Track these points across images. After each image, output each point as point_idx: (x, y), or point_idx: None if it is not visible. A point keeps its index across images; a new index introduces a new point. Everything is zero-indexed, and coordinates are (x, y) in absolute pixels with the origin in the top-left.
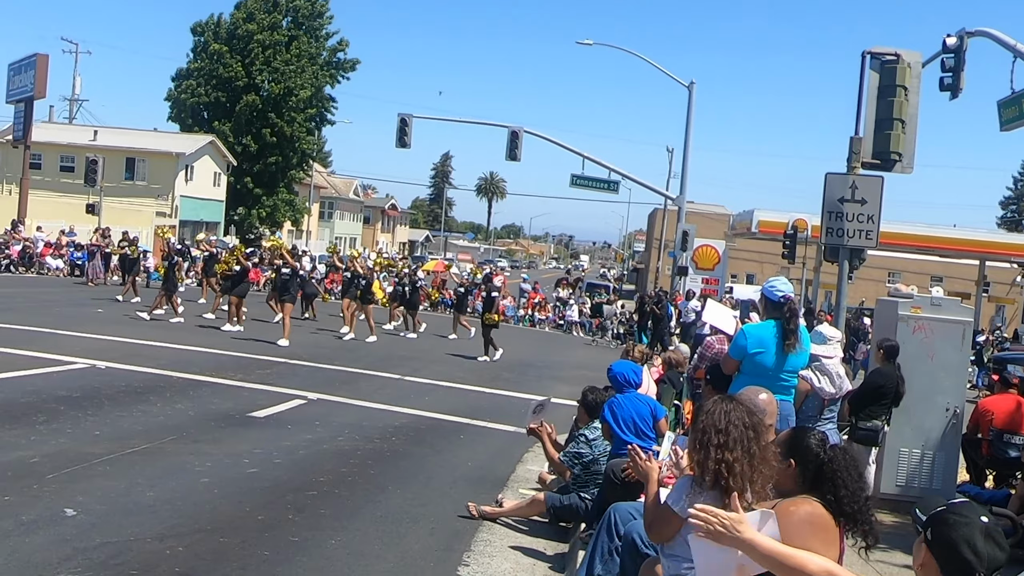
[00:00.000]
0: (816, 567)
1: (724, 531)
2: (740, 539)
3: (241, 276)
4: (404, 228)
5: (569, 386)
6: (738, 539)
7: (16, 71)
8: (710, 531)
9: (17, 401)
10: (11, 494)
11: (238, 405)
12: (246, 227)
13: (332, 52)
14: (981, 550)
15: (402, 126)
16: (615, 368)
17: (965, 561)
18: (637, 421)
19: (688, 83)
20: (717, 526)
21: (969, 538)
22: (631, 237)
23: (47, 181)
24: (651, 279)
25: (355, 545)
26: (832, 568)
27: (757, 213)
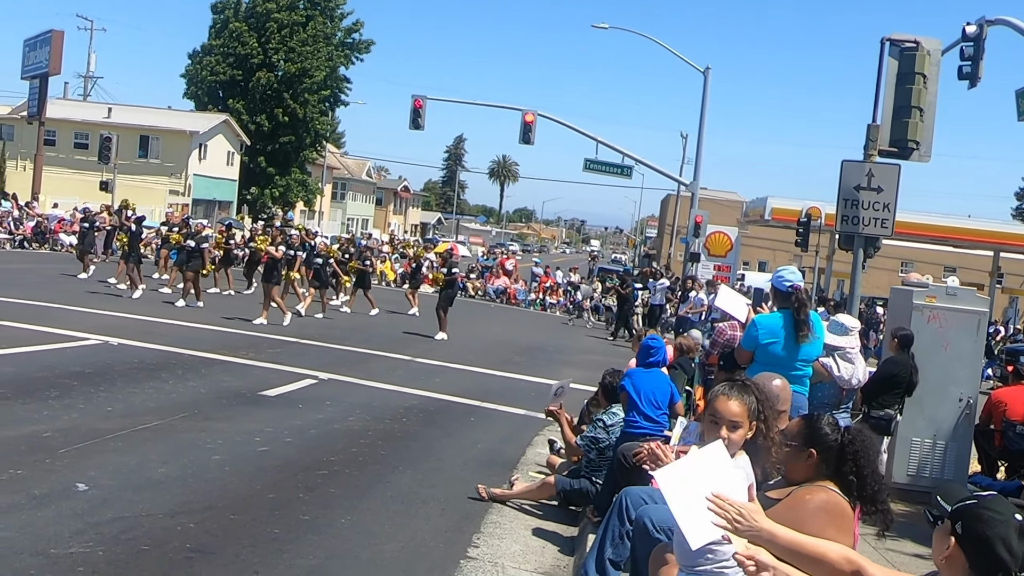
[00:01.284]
0: (836, 555)
1: (741, 521)
2: (758, 530)
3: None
4: (416, 210)
5: (579, 370)
6: (756, 530)
7: (32, 47)
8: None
9: (31, 376)
10: (24, 468)
11: (249, 383)
12: (259, 207)
13: (347, 32)
14: (1016, 549)
15: (416, 108)
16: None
17: (999, 560)
18: (655, 397)
19: (703, 68)
20: (734, 516)
21: (1005, 537)
22: (643, 223)
23: (61, 158)
24: (663, 265)
25: (365, 524)
26: (851, 555)
27: (771, 200)
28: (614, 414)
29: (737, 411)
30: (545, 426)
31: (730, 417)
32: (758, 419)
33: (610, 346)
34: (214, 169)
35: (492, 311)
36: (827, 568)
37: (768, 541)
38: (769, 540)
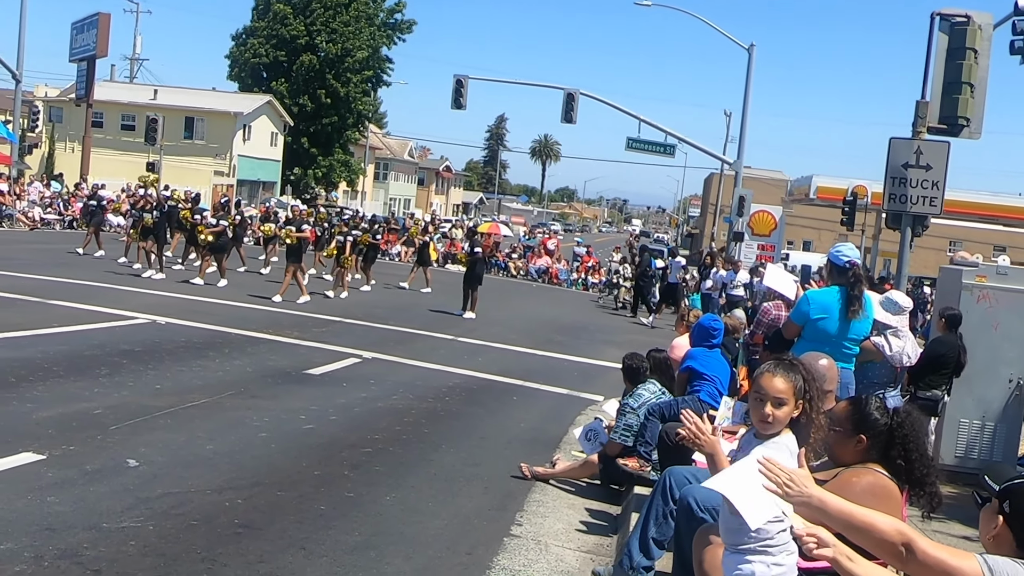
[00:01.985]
0: (887, 526)
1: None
2: (808, 495)
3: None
4: (458, 190)
5: (620, 350)
6: (806, 496)
7: (79, 30)
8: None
9: (82, 354)
10: (76, 444)
11: (295, 362)
12: (302, 187)
13: (389, 13)
14: None
15: (458, 87)
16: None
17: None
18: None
19: (748, 45)
20: (784, 480)
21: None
22: (686, 202)
23: (108, 139)
24: (706, 244)
25: (409, 502)
26: (902, 527)
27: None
28: (640, 395)
29: (782, 388)
30: (588, 406)
31: (775, 394)
32: (804, 398)
33: (649, 328)
34: (258, 150)
35: (534, 291)
36: (876, 539)
37: (818, 508)
38: (819, 507)
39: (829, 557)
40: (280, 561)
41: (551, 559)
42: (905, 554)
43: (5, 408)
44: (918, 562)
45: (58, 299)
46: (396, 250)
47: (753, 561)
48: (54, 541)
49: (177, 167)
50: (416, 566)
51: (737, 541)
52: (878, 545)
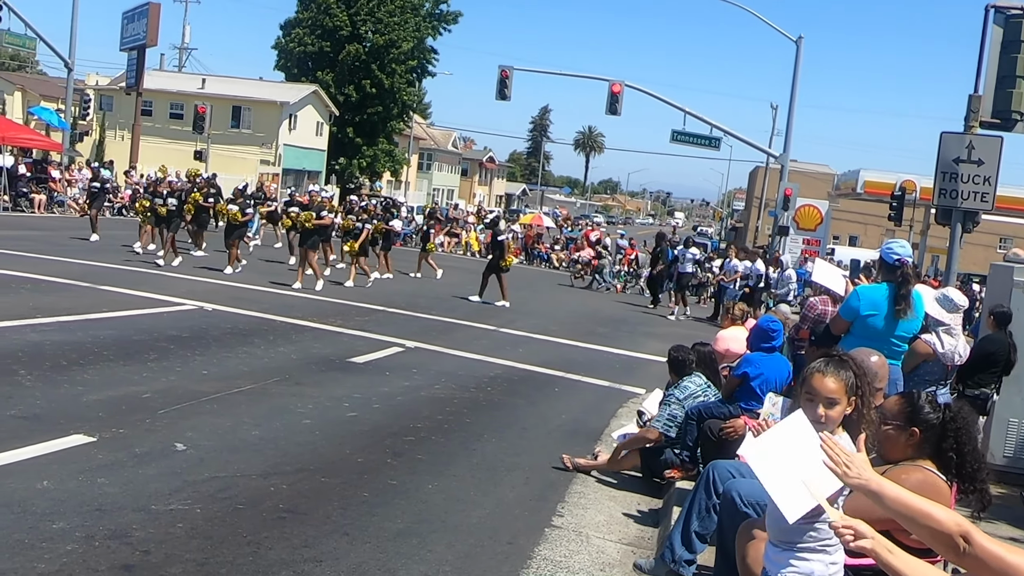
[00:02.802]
0: (945, 517)
1: (849, 472)
2: (866, 480)
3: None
4: (501, 181)
5: (662, 342)
6: (864, 480)
7: (129, 19)
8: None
9: (130, 339)
10: (126, 427)
11: (338, 350)
12: (347, 177)
13: (435, 3)
14: None
15: (502, 78)
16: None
17: None
18: (777, 382)
19: (796, 38)
20: (843, 465)
21: None
22: (730, 195)
23: (157, 128)
24: (750, 238)
25: (451, 490)
26: (960, 519)
27: (863, 173)
28: (685, 387)
29: (834, 387)
30: (629, 398)
31: (827, 394)
32: (856, 394)
33: (692, 320)
34: (303, 139)
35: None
36: (933, 529)
37: (875, 493)
38: (876, 492)
39: (868, 548)
40: (324, 546)
41: (592, 551)
42: (962, 547)
43: (57, 391)
44: (974, 556)
45: (107, 284)
46: (439, 240)
47: (811, 560)
48: (104, 521)
49: (224, 156)
50: (458, 554)
51: (786, 538)
52: (934, 536)
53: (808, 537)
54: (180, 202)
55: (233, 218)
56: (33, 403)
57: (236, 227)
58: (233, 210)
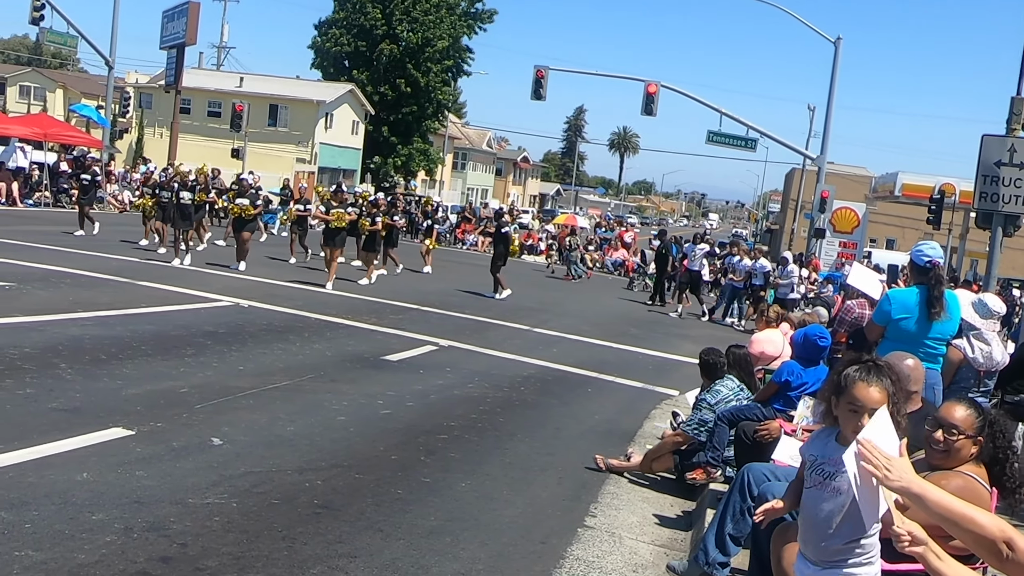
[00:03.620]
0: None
1: (890, 475)
2: (908, 483)
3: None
4: (535, 181)
5: (696, 344)
6: (906, 483)
7: (169, 18)
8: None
9: (169, 334)
10: (163, 421)
11: (372, 348)
12: (382, 175)
13: (470, 2)
14: None
15: (538, 78)
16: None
17: None
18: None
19: (834, 38)
20: (884, 465)
21: None
22: (766, 197)
23: (195, 125)
24: (786, 240)
25: (484, 489)
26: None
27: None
28: (718, 391)
29: (878, 398)
30: (663, 400)
31: (872, 405)
32: (891, 401)
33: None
34: (339, 138)
35: (609, 283)
36: (976, 535)
37: (917, 496)
38: (919, 495)
39: (919, 553)
40: (358, 542)
41: (625, 552)
42: (1005, 552)
43: (96, 384)
44: (1017, 562)
45: (144, 280)
46: (472, 239)
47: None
48: (142, 514)
49: (260, 154)
50: (491, 552)
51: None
52: (977, 541)
53: (849, 555)
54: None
55: (245, 213)
56: (73, 396)
57: (246, 221)
58: (243, 204)
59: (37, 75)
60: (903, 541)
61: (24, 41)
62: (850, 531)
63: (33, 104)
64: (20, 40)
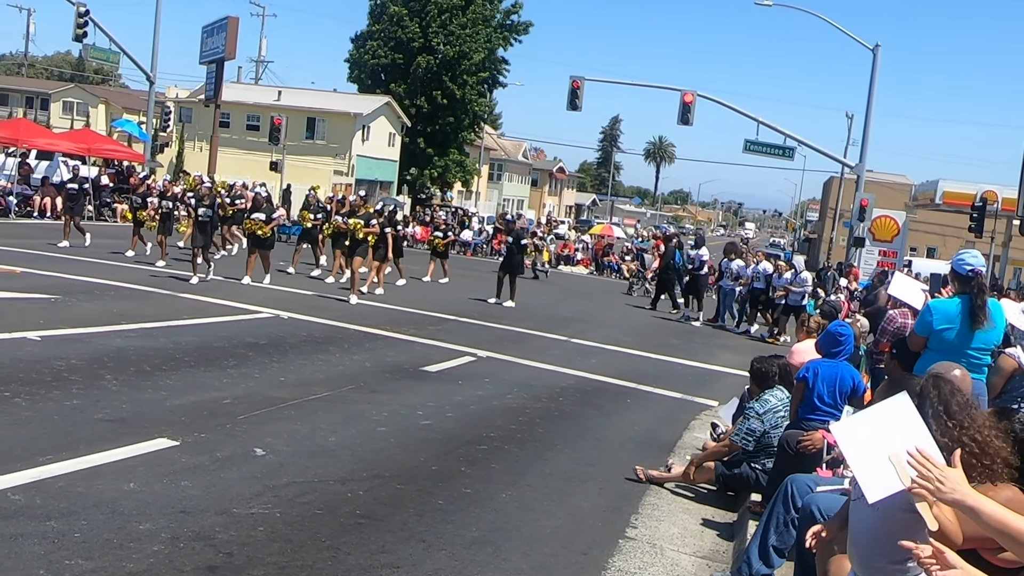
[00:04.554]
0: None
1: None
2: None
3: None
4: (571, 191)
5: (735, 355)
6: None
7: (209, 33)
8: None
9: (211, 345)
10: (207, 432)
11: (411, 359)
12: (418, 187)
13: (506, 14)
14: None
15: (573, 89)
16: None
17: None
18: (836, 391)
19: (873, 46)
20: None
21: None
22: (803, 206)
23: (234, 139)
24: (824, 249)
25: (525, 500)
26: None
27: (942, 183)
28: (766, 401)
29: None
30: (702, 411)
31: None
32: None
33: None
34: (376, 150)
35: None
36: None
37: (972, 509)
38: (974, 508)
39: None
40: (401, 552)
41: (667, 563)
42: None
43: (141, 395)
44: None
45: (186, 292)
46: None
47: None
48: (188, 523)
49: (298, 166)
50: (533, 563)
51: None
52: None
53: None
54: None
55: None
56: (119, 407)
57: (262, 239)
58: (258, 219)
59: (80, 91)
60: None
61: (67, 58)
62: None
63: (76, 119)
64: (63, 57)
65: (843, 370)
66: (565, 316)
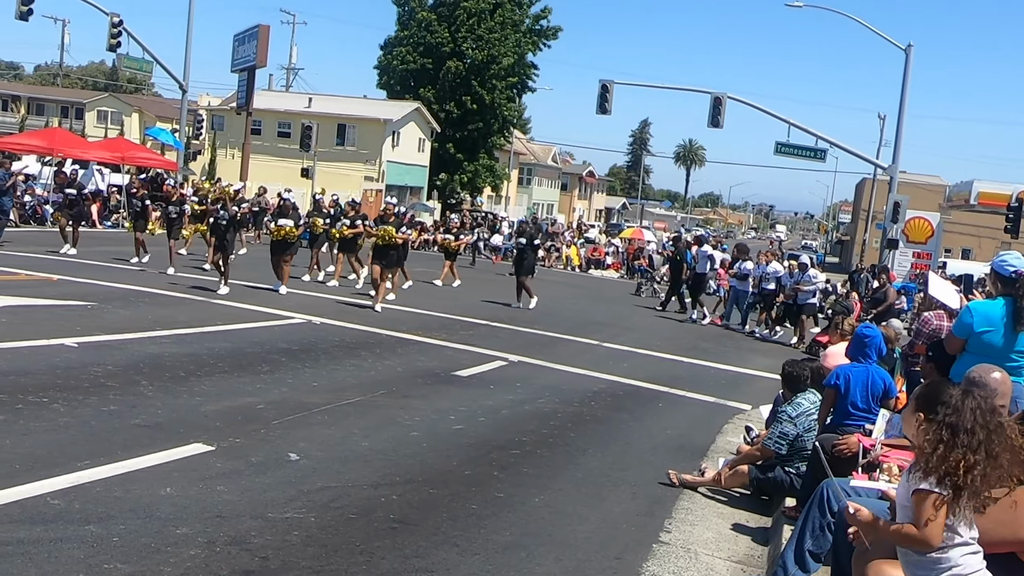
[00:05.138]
0: None
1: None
2: None
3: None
4: (601, 195)
5: (766, 358)
6: None
7: (240, 42)
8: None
9: (244, 351)
10: (241, 437)
11: (443, 363)
12: (448, 192)
13: (535, 19)
14: None
15: (603, 92)
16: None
17: None
18: (869, 395)
19: (905, 46)
20: None
21: None
22: (836, 208)
23: (265, 146)
24: (857, 251)
25: (558, 504)
26: None
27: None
28: (799, 404)
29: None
30: (735, 414)
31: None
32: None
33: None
34: (406, 156)
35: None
36: None
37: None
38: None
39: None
40: (434, 557)
41: (701, 568)
42: None
43: (177, 401)
44: None
45: (218, 298)
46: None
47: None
48: (224, 528)
49: (329, 173)
50: (566, 568)
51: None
52: None
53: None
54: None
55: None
56: (155, 412)
57: (287, 244)
58: (287, 226)
59: (114, 100)
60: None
61: (101, 67)
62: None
63: (110, 128)
64: (97, 67)
65: (874, 372)
66: (596, 320)
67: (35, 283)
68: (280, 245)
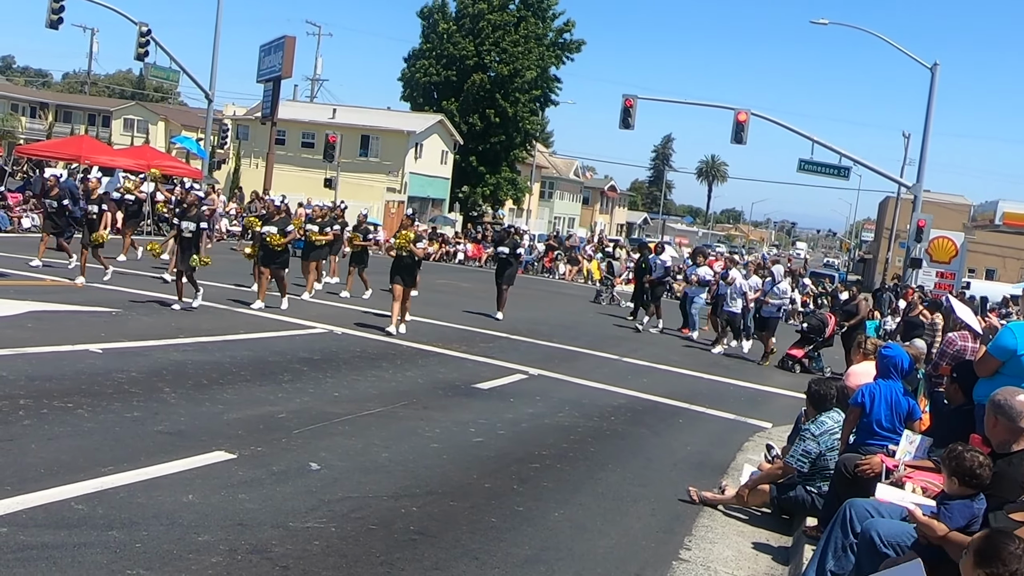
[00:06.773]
0: None
1: None
2: None
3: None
4: (622, 210)
5: (788, 376)
6: None
7: (266, 52)
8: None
9: (266, 360)
10: (263, 446)
11: (463, 376)
12: (470, 204)
13: (558, 33)
14: None
15: (626, 107)
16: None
17: None
18: (894, 414)
19: (931, 64)
20: None
21: None
22: (859, 226)
23: (289, 156)
24: (879, 270)
25: (578, 519)
26: None
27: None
28: (822, 423)
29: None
30: (756, 432)
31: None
32: None
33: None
34: (429, 167)
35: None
36: None
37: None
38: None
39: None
40: (454, 569)
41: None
42: None
43: (199, 409)
44: None
45: (241, 307)
46: (562, 270)
47: None
48: (245, 536)
49: (352, 183)
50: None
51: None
52: None
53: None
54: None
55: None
56: (177, 420)
57: (276, 254)
58: (271, 232)
59: (140, 108)
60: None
61: (128, 76)
62: None
63: (136, 136)
64: (124, 75)
65: (897, 393)
66: (616, 335)
67: (60, 288)
68: (269, 255)
